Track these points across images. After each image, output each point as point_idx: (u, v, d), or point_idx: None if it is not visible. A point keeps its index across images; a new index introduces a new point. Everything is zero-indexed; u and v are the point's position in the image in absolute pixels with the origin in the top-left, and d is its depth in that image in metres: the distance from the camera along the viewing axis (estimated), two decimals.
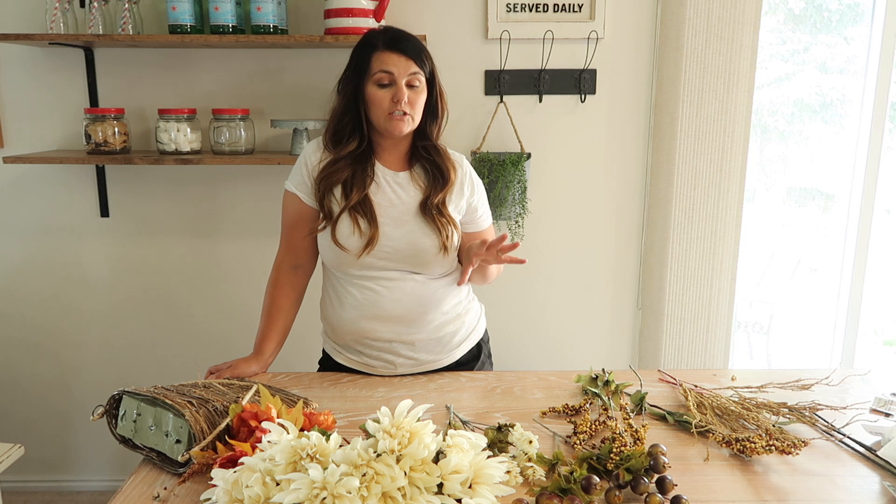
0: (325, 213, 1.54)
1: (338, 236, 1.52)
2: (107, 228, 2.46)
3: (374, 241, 1.52)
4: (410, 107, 1.50)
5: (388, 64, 1.48)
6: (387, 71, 1.48)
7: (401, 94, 1.48)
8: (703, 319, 2.43)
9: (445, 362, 1.65)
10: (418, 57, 1.50)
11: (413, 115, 1.51)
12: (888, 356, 2.91)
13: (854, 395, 1.46)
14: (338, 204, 1.53)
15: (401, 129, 1.51)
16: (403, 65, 1.48)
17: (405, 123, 1.50)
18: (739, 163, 2.31)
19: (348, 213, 1.52)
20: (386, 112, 1.49)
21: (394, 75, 1.48)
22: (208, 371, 1.57)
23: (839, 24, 2.52)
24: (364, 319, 1.59)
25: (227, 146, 2.25)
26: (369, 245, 1.52)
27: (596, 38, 2.30)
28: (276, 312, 1.65)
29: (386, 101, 1.49)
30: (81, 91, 2.33)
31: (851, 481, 1.15)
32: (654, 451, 1.11)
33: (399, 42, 1.50)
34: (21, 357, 2.57)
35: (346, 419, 1.37)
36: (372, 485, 0.96)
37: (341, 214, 1.52)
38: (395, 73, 1.48)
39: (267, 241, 2.44)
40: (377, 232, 1.52)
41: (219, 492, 1.01)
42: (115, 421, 1.29)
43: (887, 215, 2.64)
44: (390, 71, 1.48)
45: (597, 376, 1.50)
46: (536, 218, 2.43)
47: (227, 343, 2.52)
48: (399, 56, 1.48)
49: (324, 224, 1.54)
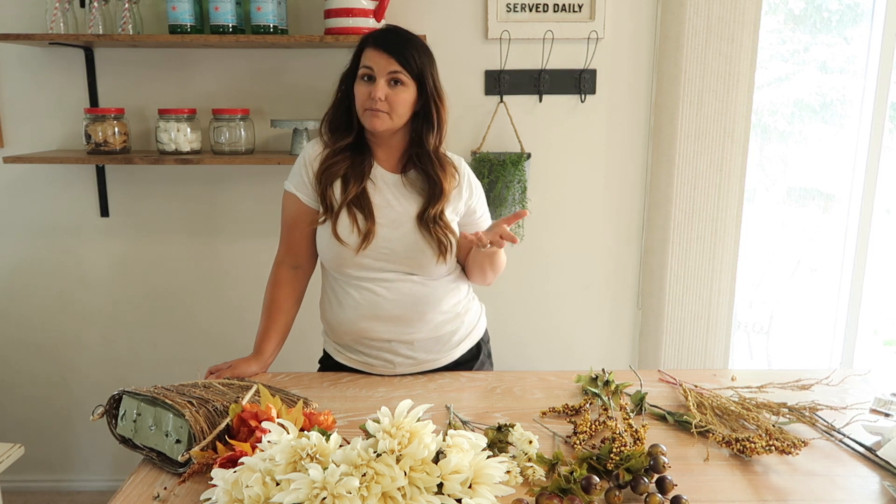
0: (325, 207, 1.55)
1: (338, 230, 1.53)
2: (107, 228, 2.46)
3: (371, 235, 1.52)
4: (388, 104, 1.49)
5: (371, 59, 1.50)
6: (368, 66, 1.50)
7: (375, 90, 1.48)
8: (703, 319, 2.43)
9: (444, 361, 1.65)
10: (402, 56, 1.49)
11: (391, 114, 1.50)
12: (888, 356, 2.91)
13: (854, 395, 1.46)
14: (338, 199, 1.55)
15: (374, 124, 1.51)
16: (384, 62, 1.49)
17: (379, 119, 1.50)
18: (739, 163, 2.31)
19: (347, 208, 1.53)
20: (363, 107, 1.51)
21: (374, 71, 1.49)
22: (208, 371, 1.58)
23: (839, 25, 2.51)
24: (363, 320, 1.59)
25: (227, 146, 2.25)
26: (366, 240, 1.52)
27: (596, 38, 2.30)
28: (275, 312, 1.65)
29: (364, 95, 1.50)
30: (81, 91, 2.33)
31: (851, 481, 1.15)
32: (654, 451, 1.11)
33: (386, 40, 1.51)
34: (21, 357, 2.57)
35: (346, 419, 1.37)
36: (372, 485, 0.96)
37: (341, 209, 1.53)
38: (375, 69, 1.49)
39: (267, 241, 2.43)
40: (374, 226, 1.53)
41: (219, 492, 1.01)
42: (115, 421, 1.29)
43: (887, 215, 2.64)
44: (370, 66, 1.50)
45: (597, 376, 1.50)
46: (536, 218, 2.43)
47: (227, 343, 2.52)
48: (381, 53, 1.49)
49: (324, 217, 1.55)
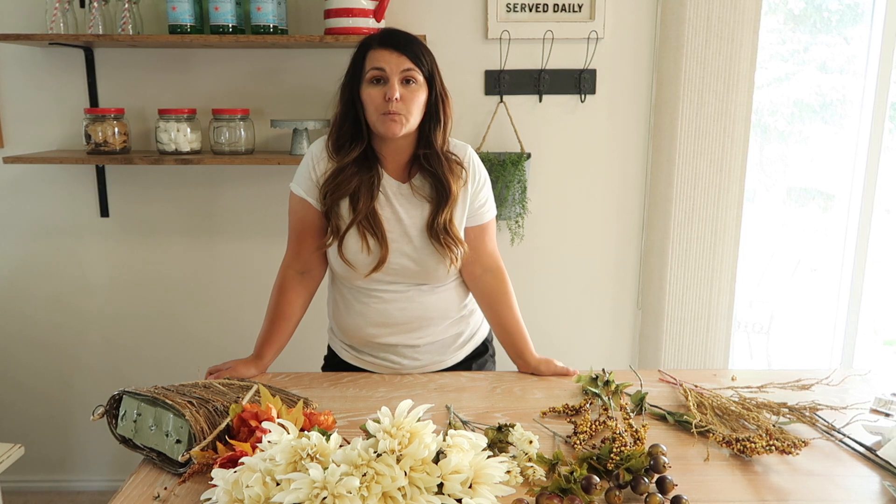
0: (332, 229, 1.50)
1: (345, 252, 1.49)
2: (107, 228, 2.46)
3: (384, 262, 1.48)
4: (404, 105, 1.42)
5: (380, 60, 1.42)
6: (378, 67, 1.42)
7: (392, 90, 1.40)
8: (703, 319, 2.42)
9: (450, 362, 1.66)
10: (413, 53, 1.43)
11: (407, 116, 1.43)
12: (888, 356, 2.91)
13: (854, 395, 1.46)
14: (345, 218, 1.49)
15: (393, 130, 1.43)
16: (396, 60, 1.42)
17: (398, 124, 1.43)
18: (739, 163, 2.31)
19: (356, 227, 1.48)
20: (378, 111, 1.43)
21: (385, 71, 1.41)
22: (208, 371, 1.57)
23: (839, 24, 2.52)
24: (371, 326, 1.58)
25: (227, 146, 2.25)
26: (378, 266, 1.49)
27: (596, 38, 2.30)
28: (279, 319, 1.61)
29: (378, 99, 1.42)
30: (81, 91, 2.33)
31: (851, 481, 1.15)
32: (654, 451, 1.11)
33: (392, 38, 1.45)
34: (21, 357, 2.57)
35: (346, 419, 1.36)
36: (372, 485, 0.96)
37: (349, 229, 1.48)
38: (386, 69, 1.41)
39: (267, 242, 2.44)
40: (387, 252, 1.48)
41: (219, 492, 1.01)
42: (115, 421, 1.29)
43: (887, 215, 2.64)
44: (382, 67, 1.42)
45: (597, 376, 1.50)
46: (536, 218, 2.43)
47: (227, 343, 2.52)
48: (391, 52, 1.42)
49: (331, 239, 1.50)
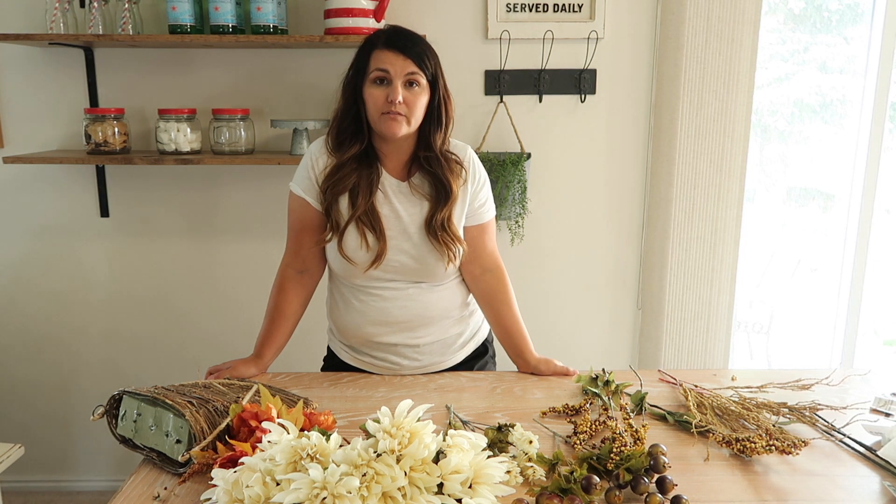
0: (331, 224, 1.51)
1: (345, 248, 1.49)
2: (107, 228, 2.46)
3: (383, 256, 1.49)
4: (407, 107, 1.43)
5: (385, 62, 1.42)
6: (382, 69, 1.42)
7: (395, 92, 1.41)
8: (703, 319, 2.42)
9: (451, 363, 1.65)
10: (418, 57, 1.44)
11: (409, 117, 1.44)
12: (888, 356, 2.91)
13: (854, 395, 1.46)
14: (344, 214, 1.50)
15: (394, 130, 1.43)
16: (401, 63, 1.42)
17: (398, 124, 1.43)
18: (739, 163, 2.31)
19: (355, 223, 1.48)
20: (380, 111, 1.43)
21: (389, 73, 1.42)
22: (208, 371, 1.57)
23: (839, 24, 2.52)
24: (370, 325, 1.58)
25: (227, 146, 2.25)
26: (377, 261, 1.49)
27: (596, 38, 2.30)
28: (278, 318, 1.62)
29: (381, 99, 1.42)
30: (81, 91, 2.33)
31: (851, 481, 1.15)
32: (654, 451, 1.11)
33: (399, 40, 1.44)
34: (21, 357, 2.57)
35: (346, 419, 1.36)
36: (372, 485, 0.96)
37: (348, 225, 1.49)
38: (391, 72, 1.42)
39: (267, 241, 2.44)
40: (385, 247, 1.49)
41: (219, 492, 1.01)
42: (115, 421, 1.29)
43: (887, 215, 2.64)
44: (386, 69, 1.42)
45: (597, 376, 1.50)
46: (536, 218, 2.43)
47: (227, 342, 2.52)
48: (397, 54, 1.42)
49: (330, 235, 1.51)
